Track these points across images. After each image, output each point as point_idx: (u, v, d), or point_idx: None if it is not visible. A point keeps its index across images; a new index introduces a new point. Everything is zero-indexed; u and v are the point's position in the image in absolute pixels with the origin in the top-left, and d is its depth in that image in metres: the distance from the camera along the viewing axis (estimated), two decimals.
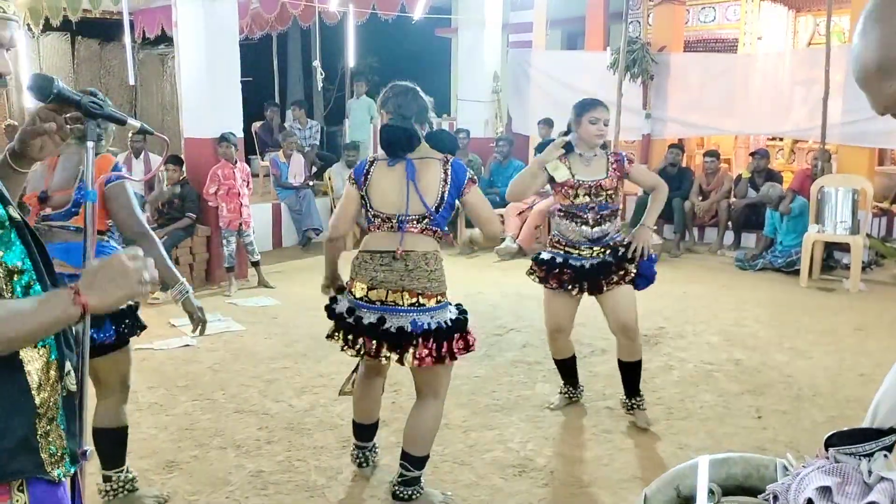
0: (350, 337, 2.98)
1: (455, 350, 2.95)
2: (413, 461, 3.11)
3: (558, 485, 3.37)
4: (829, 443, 1.61)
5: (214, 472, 3.49)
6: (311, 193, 8.96)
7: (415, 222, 2.95)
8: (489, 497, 3.27)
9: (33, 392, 1.39)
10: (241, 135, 7.31)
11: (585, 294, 3.86)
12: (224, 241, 6.98)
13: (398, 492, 3.13)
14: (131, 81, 9.43)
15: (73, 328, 1.54)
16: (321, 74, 10.57)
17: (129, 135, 8.44)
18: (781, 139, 10.76)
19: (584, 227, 3.82)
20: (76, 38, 12.89)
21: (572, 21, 12.19)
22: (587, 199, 3.81)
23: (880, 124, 8.15)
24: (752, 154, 9.17)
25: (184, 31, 7.26)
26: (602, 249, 3.83)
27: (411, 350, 2.88)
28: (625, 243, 3.86)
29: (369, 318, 2.94)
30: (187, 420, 4.07)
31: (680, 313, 6.05)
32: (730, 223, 8.82)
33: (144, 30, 11.03)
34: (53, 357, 1.46)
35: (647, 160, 9.80)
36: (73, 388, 1.50)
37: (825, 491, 1.47)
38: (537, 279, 3.96)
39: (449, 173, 2.98)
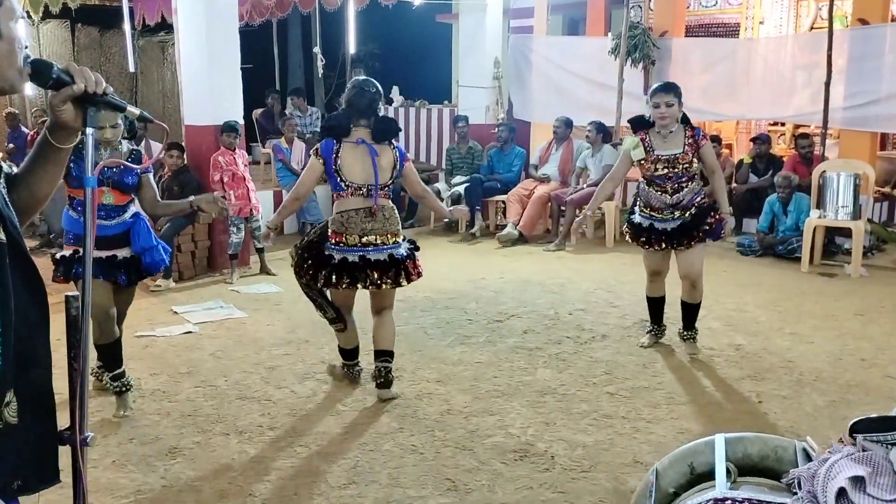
0: (332, 276, 3.95)
1: (412, 272, 4.06)
2: (391, 354, 4.16)
3: (559, 469, 3.38)
4: (856, 429, 1.58)
5: (217, 459, 3.51)
6: None
7: (380, 190, 4.00)
8: (490, 482, 3.28)
9: None
10: (242, 122, 7.30)
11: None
12: (234, 229, 6.95)
13: (387, 376, 4.12)
14: (131, 69, 9.42)
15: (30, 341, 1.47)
16: (322, 61, 10.53)
17: None
18: (783, 124, 10.73)
19: (664, 196, 4.55)
20: (76, 25, 12.85)
21: (573, 6, 12.13)
22: (665, 170, 4.51)
23: (882, 109, 8.14)
24: (753, 139, 9.13)
25: (183, 19, 7.23)
26: (682, 213, 4.52)
27: (391, 273, 3.96)
28: (703, 204, 4.58)
29: (353, 257, 3.94)
30: (190, 406, 4.08)
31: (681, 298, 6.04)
32: (731, 208, 8.79)
33: (144, 17, 10.99)
34: None
35: None
36: (14, 420, 1.41)
37: (859, 481, 1.44)
38: (630, 239, 4.79)
39: (396, 156, 4.06)
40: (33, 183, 1.59)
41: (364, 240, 3.94)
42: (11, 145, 9.78)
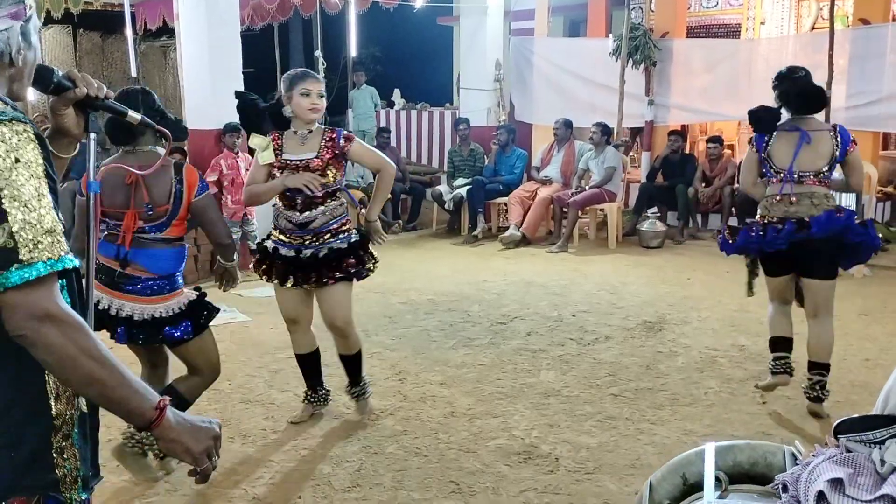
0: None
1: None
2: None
3: (563, 471, 3.38)
4: (839, 430, 1.59)
5: (221, 462, 3.44)
6: None
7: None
8: (494, 484, 3.28)
9: (51, 401, 1.33)
10: None
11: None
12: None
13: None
14: (133, 74, 9.41)
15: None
16: (323, 65, 10.54)
17: None
18: None
19: (293, 214, 3.57)
20: (78, 30, 12.88)
21: (574, 8, 12.15)
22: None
23: (884, 108, 8.13)
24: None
25: (185, 23, 7.25)
26: (313, 239, 3.57)
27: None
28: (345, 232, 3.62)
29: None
30: (193, 410, 4.06)
31: (684, 300, 6.05)
32: (733, 209, 8.80)
33: (146, 22, 11.00)
34: None
35: (651, 147, 9.78)
36: (85, 409, 1.44)
37: (837, 483, 1.45)
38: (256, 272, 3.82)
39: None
40: None
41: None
42: None
